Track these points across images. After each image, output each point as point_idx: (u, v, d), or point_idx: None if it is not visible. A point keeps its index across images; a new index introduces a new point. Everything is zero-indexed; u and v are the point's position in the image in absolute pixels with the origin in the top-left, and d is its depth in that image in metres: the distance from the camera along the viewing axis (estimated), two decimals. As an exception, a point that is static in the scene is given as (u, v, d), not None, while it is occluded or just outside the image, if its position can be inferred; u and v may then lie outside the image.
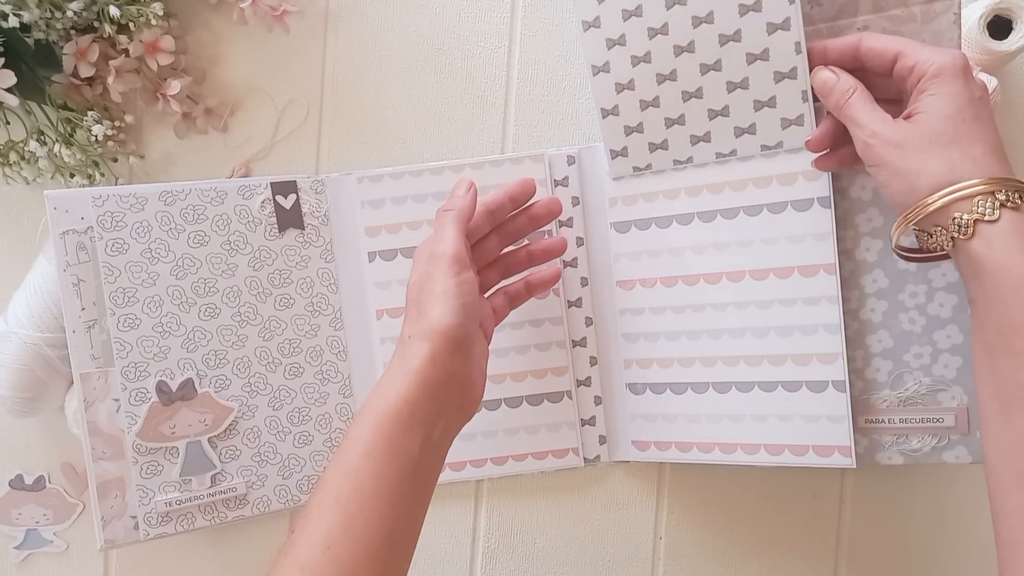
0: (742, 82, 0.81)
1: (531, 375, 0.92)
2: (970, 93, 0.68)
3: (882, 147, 0.70)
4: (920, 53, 0.70)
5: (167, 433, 0.86)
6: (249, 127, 0.97)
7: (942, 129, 0.67)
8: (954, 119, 0.67)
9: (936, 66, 0.69)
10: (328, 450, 0.92)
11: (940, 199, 0.66)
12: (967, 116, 0.67)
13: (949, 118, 0.67)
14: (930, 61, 0.69)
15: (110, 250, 0.85)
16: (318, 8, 0.97)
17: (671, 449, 0.90)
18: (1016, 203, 0.64)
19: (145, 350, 0.86)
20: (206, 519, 0.88)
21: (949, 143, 0.67)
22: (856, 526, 0.95)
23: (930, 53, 0.70)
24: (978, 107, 0.68)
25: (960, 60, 0.69)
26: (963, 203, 0.65)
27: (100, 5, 0.87)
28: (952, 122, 0.67)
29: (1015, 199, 0.64)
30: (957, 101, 0.68)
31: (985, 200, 0.64)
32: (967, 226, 0.65)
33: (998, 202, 0.64)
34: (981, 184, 0.65)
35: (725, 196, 0.85)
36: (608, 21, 0.83)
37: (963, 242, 0.66)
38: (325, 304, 0.92)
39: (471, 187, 0.79)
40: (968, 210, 0.65)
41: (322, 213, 0.92)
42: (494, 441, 0.92)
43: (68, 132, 0.91)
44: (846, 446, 0.82)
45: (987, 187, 0.64)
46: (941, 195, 0.66)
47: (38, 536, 0.97)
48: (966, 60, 0.69)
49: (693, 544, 0.96)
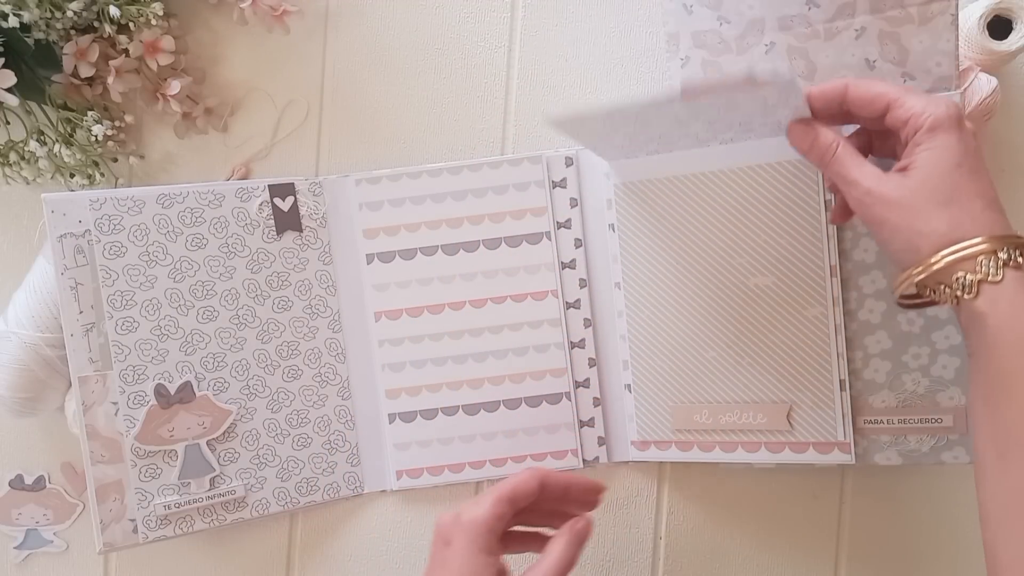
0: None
1: (529, 376, 0.92)
2: (966, 146, 0.66)
3: (879, 206, 0.68)
4: (913, 104, 0.67)
5: (166, 436, 0.86)
6: (249, 127, 0.97)
7: (941, 186, 0.66)
8: (952, 175, 0.65)
9: (932, 119, 0.66)
10: (327, 452, 0.92)
11: (943, 260, 0.64)
12: (964, 170, 0.66)
13: (947, 173, 0.66)
14: (925, 113, 0.67)
15: (108, 253, 0.85)
16: (318, 8, 0.97)
17: (670, 448, 0.90)
18: (1018, 262, 0.63)
19: (143, 353, 0.86)
20: (205, 522, 0.88)
21: (948, 200, 0.65)
22: (856, 526, 0.95)
23: (924, 104, 0.67)
24: (974, 159, 0.66)
25: (955, 111, 0.67)
26: (966, 263, 0.64)
27: (100, 5, 0.87)
28: (950, 178, 0.65)
29: (1017, 258, 0.63)
30: (954, 155, 0.66)
31: (988, 260, 0.63)
32: (971, 286, 0.64)
33: (1001, 261, 0.63)
34: (983, 243, 0.63)
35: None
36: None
37: (967, 301, 0.64)
38: (323, 306, 0.92)
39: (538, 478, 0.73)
40: (972, 270, 0.63)
41: (320, 215, 0.92)
42: (493, 443, 0.92)
43: (68, 132, 0.91)
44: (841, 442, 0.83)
45: (990, 246, 0.63)
46: (944, 256, 0.64)
47: (38, 536, 0.97)
48: (960, 110, 0.67)
49: (693, 544, 0.96)
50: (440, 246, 0.92)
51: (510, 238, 0.91)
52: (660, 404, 0.90)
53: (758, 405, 0.86)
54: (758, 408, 0.86)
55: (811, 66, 0.83)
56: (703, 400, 0.88)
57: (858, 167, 0.69)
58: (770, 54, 0.84)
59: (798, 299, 0.84)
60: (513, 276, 0.91)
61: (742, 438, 0.87)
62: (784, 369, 0.85)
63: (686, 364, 0.89)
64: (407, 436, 0.93)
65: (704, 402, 0.88)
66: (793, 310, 0.85)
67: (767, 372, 0.86)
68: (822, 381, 0.84)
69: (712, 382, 0.88)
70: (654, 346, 0.90)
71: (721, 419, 0.88)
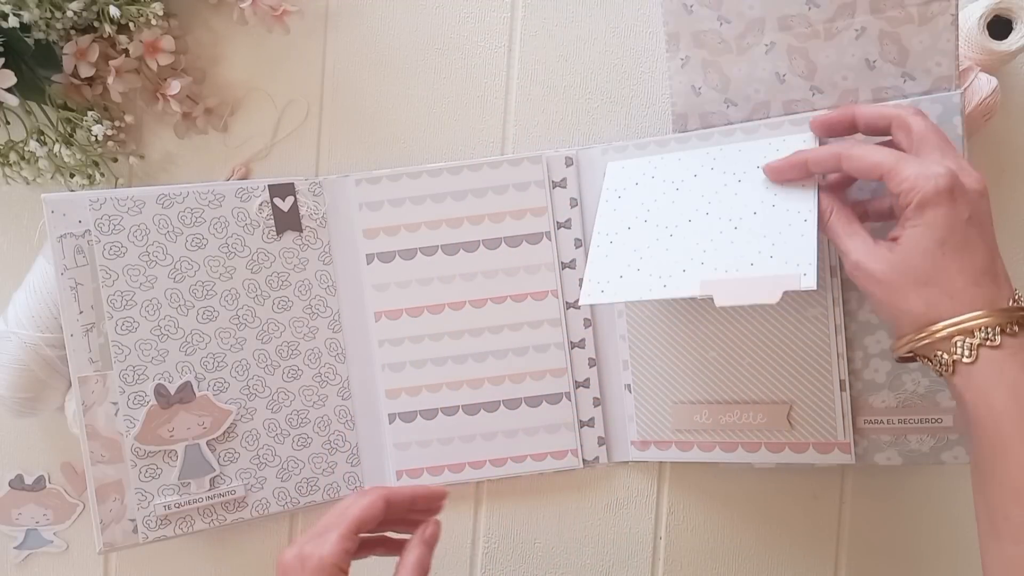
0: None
1: (529, 376, 0.92)
2: (955, 219, 0.66)
3: (865, 279, 0.70)
4: (905, 179, 0.67)
5: (166, 436, 0.86)
6: (249, 127, 0.97)
7: (921, 265, 0.66)
8: (933, 254, 0.66)
9: (920, 197, 0.66)
10: (327, 452, 0.92)
11: (921, 339, 0.67)
12: (948, 248, 0.66)
13: (928, 253, 0.66)
14: (914, 190, 0.66)
15: (108, 253, 0.85)
16: (318, 8, 0.97)
17: (670, 448, 0.90)
18: (994, 341, 0.64)
19: (143, 353, 0.86)
20: (205, 522, 0.88)
21: (926, 281, 0.66)
22: (856, 526, 0.95)
23: (915, 178, 0.66)
24: (965, 231, 0.66)
25: (945, 182, 0.65)
26: (942, 343, 0.65)
27: (100, 5, 0.87)
28: (932, 257, 0.66)
29: (992, 336, 0.64)
30: (939, 233, 0.66)
31: (964, 340, 0.64)
32: (948, 365, 0.66)
33: (976, 342, 0.64)
34: (959, 324, 0.65)
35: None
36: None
37: (948, 376, 0.66)
38: (323, 306, 0.92)
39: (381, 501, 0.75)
40: (947, 350, 0.65)
41: (320, 215, 0.92)
42: (493, 443, 0.92)
43: (68, 132, 0.91)
44: (846, 442, 0.83)
45: (966, 325, 0.64)
46: (921, 336, 0.66)
47: (38, 536, 0.97)
48: (953, 179, 0.66)
49: (693, 544, 0.96)
50: (440, 246, 0.92)
51: (510, 238, 0.91)
52: (660, 404, 0.90)
53: (758, 405, 0.86)
54: (758, 408, 0.86)
55: (811, 66, 0.83)
56: (703, 400, 0.88)
57: (849, 237, 0.71)
58: (770, 55, 0.84)
59: (798, 299, 0.84)
60: (513, 276, 0.91)
61: (742, 438, 0.87)
62: (784, 369, 0.85)
63: (686, 364, 0.89)
64: (407, 436, 0.93)
65: (704, 402, 0.88)
66: (793, 310, 0.85)
67: (767, 372, 0.86)
68: (822, 381, 0.84)
69: (712, 382, 0.88)
70: (654, 346, 0.90)
71: (721, 419, 0.88)
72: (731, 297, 0.74)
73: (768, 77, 0.84)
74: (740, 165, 0.82)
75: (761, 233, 0.76)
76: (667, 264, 0.78)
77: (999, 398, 0.63)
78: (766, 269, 0.73)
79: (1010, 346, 0.64)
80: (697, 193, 0.82)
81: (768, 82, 0.84)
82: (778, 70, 0.84)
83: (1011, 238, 0.91)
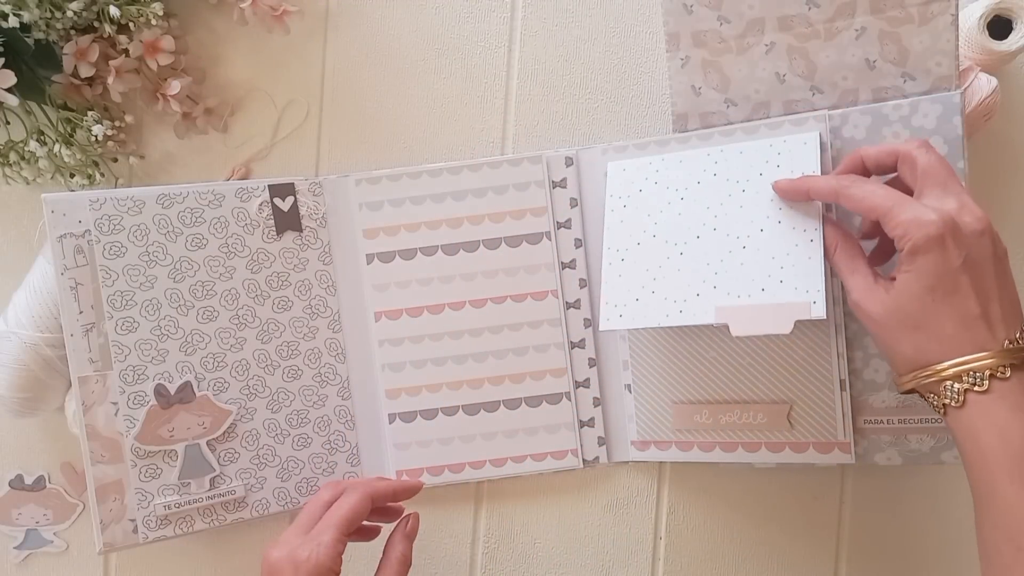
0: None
1: (529, 376, 0.92)
2: (945, 266, 0.66)
3: (863, 317, 0.71)
4: (899, 224, 0.68)
5: (166, 436, 0.86)
6: (249, 127, 0.97)
7: (912, 310, 0.68)
8: (923, 299, 0.67)
9: (912, 244, 0.67)
10: (327, 452, 0.92)
11: (911, 382, 0.68)
12: (938, 295, 0.67)
13: (918, 298, 0.67)
14: (905, 237, 0.67)
15: (108, 253, 0.85)
16: (318, 8, 0.97)
17: (671, 448, 0.90)
18: (981, 386, 0.65)
19: (143, 353, 0.86)
20: (205, 522, 0.88)
21: (917, 326, 0.67)
22: (856, 526, 0.95)
23: (906, 226, 0.67)
24: (956, 278, 0.66)
25: (936, 230, 0.66)
26: (932, 386, 0.67)
27: (100, 5, 0.87)
28: (922, 303, 0.67)
29: (980, 381, 0.65)
30: (929, 279, 0.67)
31: (952, 384, 0.66)
32: (939, 407, 0.67)
33: (963, 387, 0.65)
34: (946, 370, 0.66)
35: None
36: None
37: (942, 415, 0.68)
38: (323, 306, 0.92)
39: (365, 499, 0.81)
40: (937, 392, 0.67)
41: (320, 215, 0.92)
42: (493, 443, 0.92)
43: (68, 132, 0.91)
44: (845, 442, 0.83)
45: (954, 371, 0.66)
46: (911, 379, 0.68)
47: (38, 536, 0.97)
48: (947, 225, 0.66)
49: (693, 544, 0.96)
50: (440, 246, 0.92)
51: (510, 238, 0.91)
52: (660, 404, 0.90)
53: (758, 405, 0.86)
54: (758, 408, 0.86)
55: (811, 66, 0.83)
56: (703, 400, 0.89)
57: (851, 273, 0.73)
58: (770, 55, 0.84)
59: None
60: (513, 276, 0.91)
61: (742, 438, 0.87)
62: (784, 369, 0.85)
63: (686, 364, 0.89)
64: (407, 436, 0.93)
65: (704, 402, 0.88)
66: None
67: (767, 372, 0.86)
68: (822, 381, 0.84)
69: (712, 382, 0.88)
70: (654, 346, 0.90)
71: (721, 419, 0.88)
72: (746, 327, 0.77)
73: (768, 77, 0.84)
74: (743, 171, 0.83)
75: (770, 255, 0.78)
76: (680, 286, 0.82)
77: (987, 441, 0.64)
78: (777, 296, 0.77)
79: (999, 389, 0.65)
80: (703, 205, 0.83)
81: (768, 82, 0.85)
82: (778, 70, 0.84)
83: (1011, 238, 0.91)
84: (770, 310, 0.77)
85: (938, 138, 0.79)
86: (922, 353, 0.67)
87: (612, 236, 0.87)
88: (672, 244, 0.83)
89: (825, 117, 0.82)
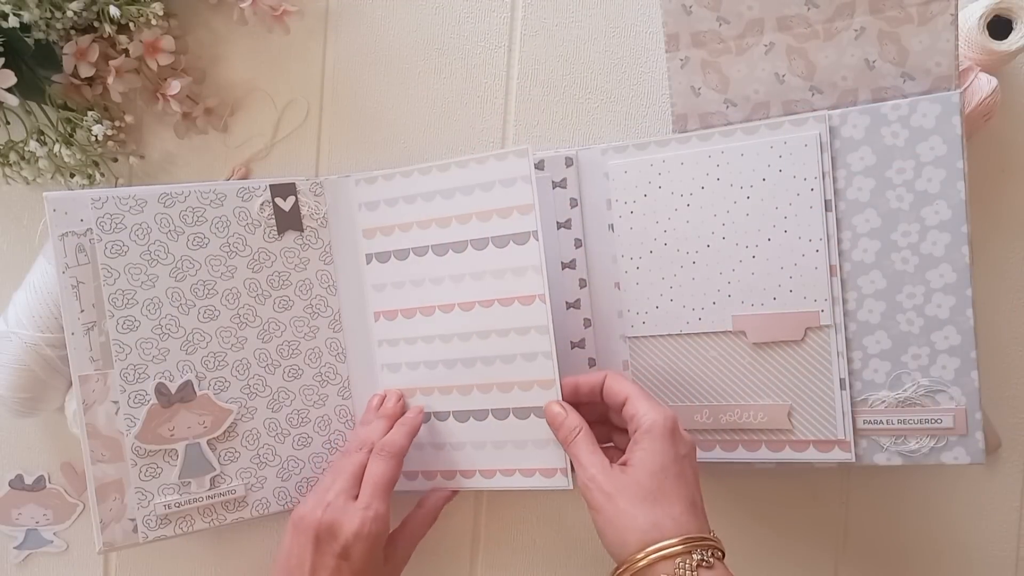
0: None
1: (517, 387, 0.88)
2: (675, 452, 0.76)
3: (598, 493, 0.75)
4: (640, 406, 0.78)
5: (166, 435, 0.86)
6: (249, 127, 0.97)
7: (648, 485, 0.74)
8: (658, 476, 0.74)
9: (648, 422, 0.76)
10: (328, 452, 0.92)
11: (646, 557, 0.71)
12: (670, 474, 0.74)
13: (654, 475, 0.74)
14: (645, 416, 0.77)
15: (109, 252, 0.85)
16: (318, 8, 0.97)
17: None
18: (710, 562, 0.71)
19: (144, 352, 0.86)
20: (205, 521, 0.87)
21: (654, 501, 0.73)
22: (856, 526, 0.95)
23: (647, 408, 0.77)
24: (682, 465, 0.76)
25: (670, 421, 0.77)
26: (666, 562, 0.71)
27: (100, 5, 0.87)
28: (657, 479, 0.74)
29: (708, 558, 0.71)
30: (662, 459, 0.75)
31: (684, 560, 0.70)
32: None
33: (695, 562, 0.70)
34: (680, 545, 0.71)
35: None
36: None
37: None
38: (324, 306, 0.92)
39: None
40: (671, 571, 0.70)
41: (321, 215, 0.92)
42: (482, 453, 0.89)
43: (68, 132, 0.91)
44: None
45: (685, 547, 0.71)
46: (647, 554, 0.71)
47: (38, 536, 0.97)
48: (675, 421, 0.77)
49: (692, 544, 0.96)
50: (430, 246, 0.90)
51: (497, 238, 0.88)
52: (660, 404, 0.90)
53: (758, 405, 0.87)
54: (758, 408, 0.87)
55: (810, 66, 0.83)
56: (703, 400, 0.89)
57: (590, 454, 0.79)
58: (769, 55, 0.84)
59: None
60: (500, 279, 0.88)
61: (742, 437, 0.87)
62: (784, 369, 0.85)
63: (686, 364, 0.89)
64: (405, 438, 0.93)
65: (704, 402, 0.89)
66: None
67: (767, 372, 0.86)
68: (822, 381, 0.84)
69: (712, 382, 0.88)
70: (655, 346, 0.90)
71: (721, 419, 0.88)
72: (762, 335, 0.86)
73: (767, 77, 0.85)
74: (745, 175, 0.85)
75: (778, 264, 0.85)
76: (697, 295, 0.88)
77: None
78: (787, 304, 0.85)
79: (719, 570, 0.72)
80: (709, 212, 0.87)
81: (768, 82, 0.85)
82: (777, 70, 0.84)
83: (1011, 238, 0.92)
84: (782, 318, 0.85)
85: (937, 138, 0.79)
86: (657, 527, 0.72)
87: (623, 244, 0.90)
88: (684, 253, 0.88)
89: (825, 117, 0.82)
